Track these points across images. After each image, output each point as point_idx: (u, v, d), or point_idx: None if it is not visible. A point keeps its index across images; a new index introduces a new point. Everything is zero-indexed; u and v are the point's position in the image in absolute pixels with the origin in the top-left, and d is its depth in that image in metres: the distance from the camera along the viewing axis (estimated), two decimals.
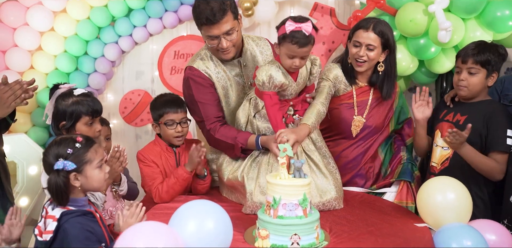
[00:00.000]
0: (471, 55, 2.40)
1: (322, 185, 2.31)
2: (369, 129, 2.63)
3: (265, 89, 2.26)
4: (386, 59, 2.55)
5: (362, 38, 2.48)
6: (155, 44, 3.68)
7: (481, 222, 2.11)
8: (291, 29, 2.16)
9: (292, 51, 2.19)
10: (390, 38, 2.50)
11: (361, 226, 2.08)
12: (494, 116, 2.38)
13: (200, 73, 2.47)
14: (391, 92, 2.61)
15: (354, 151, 2.64)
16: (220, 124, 2.45)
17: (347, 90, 2.62)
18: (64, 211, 1.80)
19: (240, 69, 2.53)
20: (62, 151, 1.81)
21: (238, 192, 2.39)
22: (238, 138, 2.35)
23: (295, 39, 2.16)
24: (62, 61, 3.29)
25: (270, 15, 3.51)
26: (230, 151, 2.41)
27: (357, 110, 2.62)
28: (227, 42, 2.37)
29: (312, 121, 2.30)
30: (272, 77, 2.23)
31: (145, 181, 2.48)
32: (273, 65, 2.28)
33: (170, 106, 2.54)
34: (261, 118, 2.37)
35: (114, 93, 3.72)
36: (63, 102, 2.26)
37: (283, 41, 2.20)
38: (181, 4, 3.37)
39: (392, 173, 2.61)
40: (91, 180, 1.86)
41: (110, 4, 3.28)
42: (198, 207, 1.64)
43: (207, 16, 2.28)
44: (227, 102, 2.53)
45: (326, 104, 2.43)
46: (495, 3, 2.88)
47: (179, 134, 2.53)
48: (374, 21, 2.50)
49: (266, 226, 1.87)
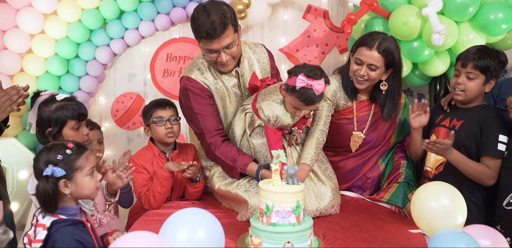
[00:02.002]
0: (472, 59, 2.37)
1: (320, 191, 2.29)
2: (369, 144, 2.57)
3: (269, 125, 2.23)
4: (389, 78, 2.43)
5: (365, 57, 2.34)
6: (147, 47, 3.66)
7: (476, 227, 2.09)
8: (302, 86, 2.07)
9: (298, 105, 2.14)
10: (396, 56, 2.37)
11: (355, 233, 2.07)
12: (488, 120, 2.36)
13: (198, 84, 2.39)
14: (393, 114, 2.49)
15: (352, 163, 2.60)
16: (222, 140, 2.37)
17: (347, 105, 2.53)
18: (55, 220, 1.77)
19: (237, 79, 2.46)
20: (52, 157, 1.78)
21: (230, 200, 2.37)
22: (238, 162, 2.27)
23: (303, 97, 2.08)
24: (53, 64, 3.26)
25: (263, 17, 3.49)
26: (227, 170, 2.37)
27: (357, 126, 2.54)
28: (227, 56, 2.28)
29: (312, 158, 2.26)
30: (279, 117, 2.19)
31: (135, 188, 2.46)
32: (281, 104, 2.20)
33: (159, 105, 2.54)
34: (256, 134, 2.33)
35: (106, 96, 3.69)
36: (46, 109, 2.22)
37: (291, 93, 2.12)
38: (174, 7, 3.34)
39: (386, 190, 2.54)
40: (82, 188, 1.82)
41: (101, 6, 3.25)
42: (189, 216, 1.62)
43: (207, 30, 2.18)
44: (225, 113, 2.48)
45: (325, 131, 2.38)
46: (488, 6, 2.86)
47: (170, 131, 2.50)
48: (379, 38, 2.35)
49: (259, 234, 1.85)
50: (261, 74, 2.49)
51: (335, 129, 2.56)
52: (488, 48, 2.46)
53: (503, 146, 2.30)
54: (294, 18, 3.67)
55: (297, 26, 3.67)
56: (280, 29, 3.68)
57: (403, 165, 2.61)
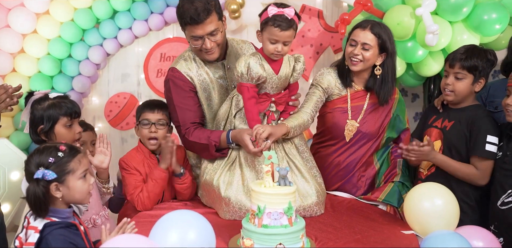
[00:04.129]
0: (459, 59, 2.39)
1: (303, 189, 2.28)
2: (363, 134, 2.57)
3: (243, 80, 2.24)
4: (384, 63, 2.49)
5: (358, 37, 2.44)
6: (140, 47, 3.65)
7: (469, 228, 2.10)
8: (274, 13, 2.17)
9: (274, 35, 2.18)
10: (388, 40, 2.45)
11: (347, 234, 2.05)
12: (477, 121, 2.37)
13: (181, 75, 2.44)
14: (388, 97, 2.54)
15: (347, 157, 2.59)
16: (194, 128, 2.42)
17: (341, 94, 2.57)
18: (47, 223, 1.75)
19: (224, 71, 2.50)
20: (44, 159, 1.76)
21: (209, 196, 2.37)
22: (211, 137, 2.32)
23: (277, 22, 2.16)
24: (45, 64, 3.23)
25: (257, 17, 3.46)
26: (205, 153, 2.37)
27: (351, 115, 2.56)
28: (211, 43, 2.34)
29: (293, 124, 2.28)
30: (250, 67, 2.21)
31: (128, 190, 2.43)
32: (254, 56, 2.26)
33: (149, 106, 2.53)
34: (241, 118, 2.33)
35: (99, 96, 3.67)
36: (39, 106, 2.23)
37: (265, 26, 2.20)
38: (167, 6, 3.33)
39: (381, 189, 2.53)
40: (74, 192, 1.80)
41: (94, 6, 3.23)
42: (180, 218, 1.60)
43: (191, 16, 2.26)
44: (209, 105, 2.50)
45: (311, 114, 2.40)
46: (482, 7, 2.87)
47: (153, 136, 2.46)
48: (373, 22, 2.47)
49: (251, 236, 1.83)
50: None
51: (329, 119, 2.59)
52: (477, 47, 2.46)
53: (492, 147, 2.30)
54: None
55: None
56: None
57: (400, 163, 2.62)
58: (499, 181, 2.27)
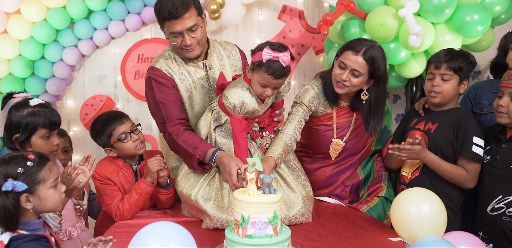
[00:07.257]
0: (445, 61, 2.38)
1: (289, 199, 2.23)
2: (349, 151, 2.50)
3: (234, 113, 2.18)
4: (371, 89, 2.34)
5: (349, 61, 2.26)
6: (117, 48, 3.56)
7: (456, 234, 2.08)
8: (268, 58, 2.06)
9: (265, 81, 2.10)
10: (381, 66, 2.29)
11: (333, 242, 2.01)
12: (462, 122, 2.37)
13: (162, 73, 2.37)
14: (378, 128, 2.41)
15: (330, 170, 2.53)
16: (184, 129, 2.32)
17: (326, 111, 2.46)
18: (14, 236, 1.64)
19: (205, 72, 2.43)
20: (12, 170, 1.66)
21: (191, 208, 2.30)
22: (198, 149, 2.21)
23: (271, 69, 2.06)
24: (16, 66, 3.14)
25: (238, 17, 3.41)
26: (188, 161, 2.29)
27: (337, 133, 2.47)
28: (191, 39, 2.28)
29: (279, 153, 2.18)
30: (245, 103, 2.15)
31: (103, 200, 2.34)
32: (246, 90, 2.18)
33: (115, 121, 2.39)
34: (222, 132, 2.28)
35: (74, 99, 3.58)
36: (17, 113, 2.09)
37: (258, 69, 2.10)
38: (145, 6, 3.25)
39: (366, 202, 2.48)
40: (45, 202, 1.71)
41: (68, 5, 3.14)
42: (160, 231, 1.53)
43: (170, 10, 2.20)
44: (191, 105, 2.43)
45: (294, 136, 2.30)
46: (464, 8, 2.86)
47: (138, 142, 2.40)
48: (367, 45, 2.28)
49: (234, 246, 1.76)
50: (231, 70, 2.48)
51: (314, 136, 2.50)
52: (456, 50, 2.49)
53: (479, 149, 2.29)
54: (269, 19, 3.61)
55: (272, 27, 3.61)
56: (255, 29, 3.62)
57: (385, 177, 2.56)
58: (489, 186, 2.25)
